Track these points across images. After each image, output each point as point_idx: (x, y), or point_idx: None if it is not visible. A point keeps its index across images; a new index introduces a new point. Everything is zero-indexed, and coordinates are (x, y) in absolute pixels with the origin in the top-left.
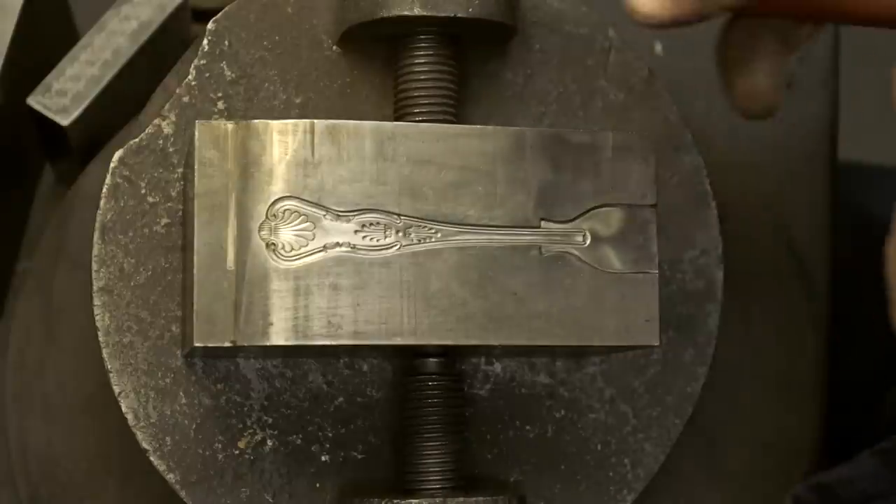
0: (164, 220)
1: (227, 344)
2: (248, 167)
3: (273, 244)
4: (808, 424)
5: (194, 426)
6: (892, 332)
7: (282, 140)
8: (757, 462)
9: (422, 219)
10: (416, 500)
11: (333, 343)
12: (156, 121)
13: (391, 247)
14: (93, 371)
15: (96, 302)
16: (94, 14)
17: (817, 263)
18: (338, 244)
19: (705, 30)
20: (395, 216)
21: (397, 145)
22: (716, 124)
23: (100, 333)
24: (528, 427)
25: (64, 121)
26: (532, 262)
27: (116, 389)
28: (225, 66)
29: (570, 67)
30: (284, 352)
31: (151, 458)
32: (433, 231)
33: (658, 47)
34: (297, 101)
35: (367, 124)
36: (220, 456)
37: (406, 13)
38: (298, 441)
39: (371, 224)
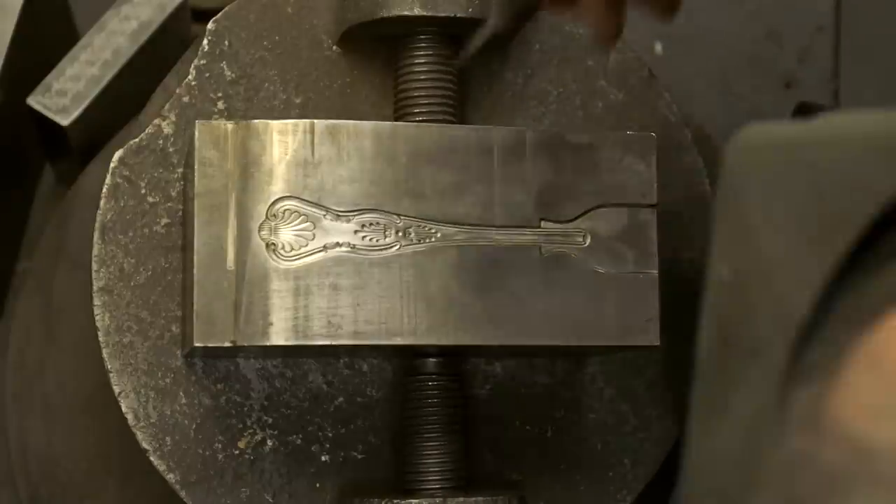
0: (164, 220)
1: (227, 344)
2: (248, 167)
3: (273, 244)
4: None
5: (194, 426)
6: None
7: (282, 140)
8: None
9: (422, 219)
10: (416, 500)
11: (333, 343)
12: (156, 121)
13: (391, 247)
14: (93, 371)
15: (96, 302)
16: (94, 14)
17: None
18: (338, 244)
19: (705, 30)
20: (395, 216)
21: (397, 145)
22: (716, 124)
23: (100, 333)
24: (528, 427)
25: (64, 121)
26: (532, 262)
27: (116, 389)
28: (225, 66)
29: (570, 67)
30: (284, 352)
31: (151, 458)
32: (433, 231)
33: (658, 47)
34: (297, 101)
35: (367, 124)
36: (220, 456)
37: (406, 13)
38: (298, 441)
39: (371, 224)
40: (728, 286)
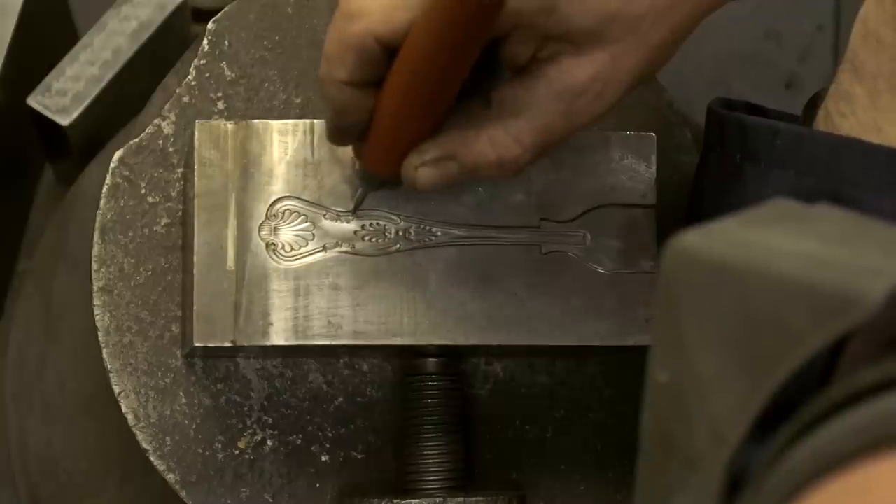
0: (164, 220)
1: (227, 344)
2: (248, 167)
3: (273, 244)
4: None
5: (194, 426)
6: None
7: (282, 140)
8: None
9: (422, 219)
10: (416, 500)
11: (333, 343)
12: (156, 121)
13: (391, 247)
14: (93, 371)
15: (96, 302)
16: (94, 14)
17: None
18: (337, 244)
19: (705, 29)
20: (395, 216)
21: None
22: None
23: (100, 333)
24: (528, 427)
25: (64, 121)
26: (532, 262)
27: (116, 389)
28: (225, 66)
29: None
30: (284, 352)
31: (151, 458)
32: (433, 231)
33: None
34: (297, 101)
35: None
36: (220, 456)
37: None
38: (298, 441)
39: (371, 224)
40: (666, 391)
